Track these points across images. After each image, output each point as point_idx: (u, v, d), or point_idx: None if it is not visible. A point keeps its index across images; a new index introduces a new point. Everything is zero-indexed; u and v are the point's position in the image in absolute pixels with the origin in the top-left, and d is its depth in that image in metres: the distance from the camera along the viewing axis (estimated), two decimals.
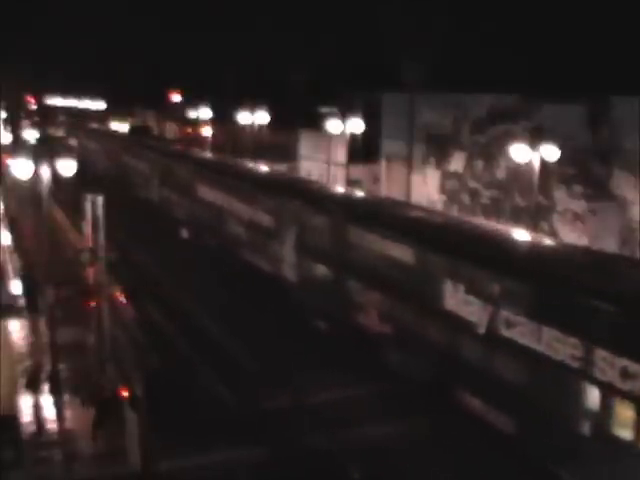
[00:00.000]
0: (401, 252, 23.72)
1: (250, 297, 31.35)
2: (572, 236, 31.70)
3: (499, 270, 19.76)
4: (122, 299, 24.72)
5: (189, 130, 76.16)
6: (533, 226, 29.99)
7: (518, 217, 34.11)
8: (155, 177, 54.99)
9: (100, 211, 21.86)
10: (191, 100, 73.03)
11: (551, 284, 18.18)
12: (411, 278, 23.08)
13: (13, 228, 40.48)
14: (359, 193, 34.54)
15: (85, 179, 29.00)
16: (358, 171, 45.95)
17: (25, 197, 41.95)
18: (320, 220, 29.13)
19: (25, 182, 28.83)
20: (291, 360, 24.69)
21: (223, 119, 62.34)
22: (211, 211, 41.25)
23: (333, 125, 42.63)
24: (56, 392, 21.34)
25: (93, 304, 22.15)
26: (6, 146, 52.27)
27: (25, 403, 21.19)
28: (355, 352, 24.56)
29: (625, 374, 15.61)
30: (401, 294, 23.46)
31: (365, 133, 44.78)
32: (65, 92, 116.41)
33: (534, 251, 21.74)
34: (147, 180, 57.66)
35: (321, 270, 28.85)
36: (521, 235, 23.71)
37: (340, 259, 27.15)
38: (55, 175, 26.53)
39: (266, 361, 24.94)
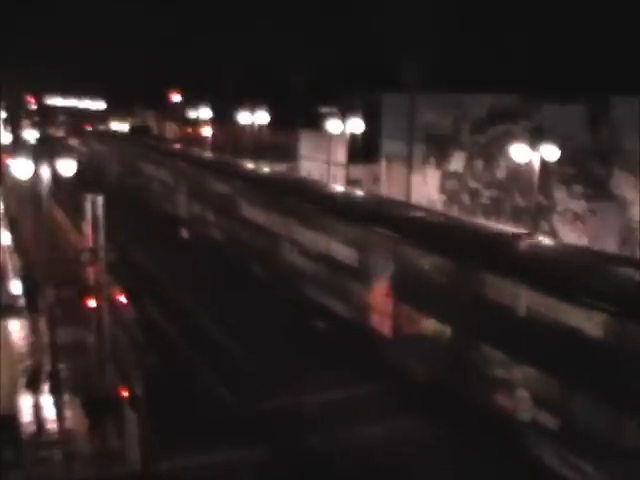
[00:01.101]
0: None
1: (250, 297, 31.38)
2: (572, 236, 31.70)
3: None
4: (122, 299, 24.68)
5: (189, 130, 76.15)
6: (533, 226, 30.00)
7: (518, 217, 34.11)
8: (184, 191, 47.05)
9: (100, 211, 21.85)
10: (191, 100, 73.01)
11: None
12: None
13: (13, 228, 40.47)
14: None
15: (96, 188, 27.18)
16: (358, 171, 45.96)
17: (25, 197, 41.97)
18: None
19: (25, 182, 28.83)
20: (291, 360, 24.70)
21: (223, 119, 62.34)
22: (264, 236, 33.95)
23: (333, 125, 42.62)
24: (56, 392, 21.33)
25: (93, 304, 22.15)
26: (6, 146, 52.23)
27: (25, 403, 21.18)
28: (356, 351, 24.57)
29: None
30: None
31: (365, 133, 44.77)
32: (65, 92, 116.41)
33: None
34: (172, 193, 49.58)
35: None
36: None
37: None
38: (55, 175, 26.54)
39: (266, 361, 24.94)
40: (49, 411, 20.85)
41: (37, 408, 20.92)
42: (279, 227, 32.18)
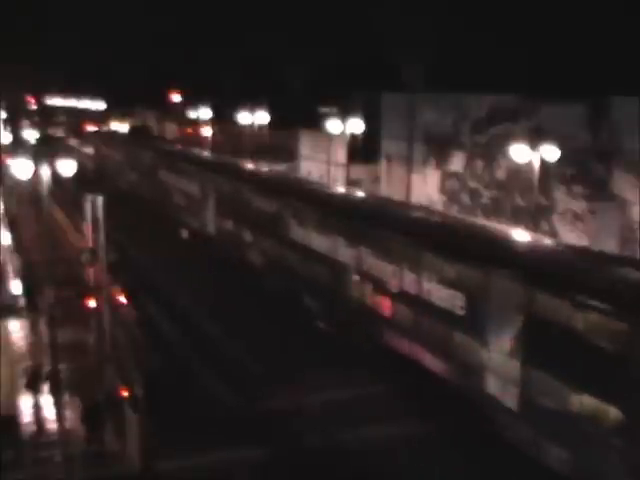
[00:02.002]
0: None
1: (250, 297, 31.38)
2: (572, 236, 31.70)
3: None
4: (122, 299, 24.68)
5: (189, 130, 76.16)
6: (533, 226, 30.00)
7: (518, 217, 34.11)
8: (212, 204, 41.05)
9: (100, 211, 21.85)
10: (191, 100, 73.04)
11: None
12: None
13: (13, 228, 40.45)
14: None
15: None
16: (358, 171, 45.95)
17: (25, 197, 41.99)
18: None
19: (25, 182, 28.85)
20: (291, 359, 24.70)
21: (223, 119, 62.36)
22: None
23: (333, 125, 42.65)
24: (56, 392, 21.32)
25: (93, 304, 22.15)
26: (6, 146, 52.23)
27: (25, 403, 21.18)
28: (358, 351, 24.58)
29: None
30: None
31: (365, 133, 44.80)
32: (65, 92, 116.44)
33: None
34: (197, 205, 43.64)
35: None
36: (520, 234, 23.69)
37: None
38: (55, 175, 26.57)
39: (266, 361, 24.95)
40: (49, 411, 20.85)
41: (37, 408, 20.91)
42: (339, 252, 27.28)
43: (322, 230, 28.54)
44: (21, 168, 25.21)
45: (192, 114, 71.17)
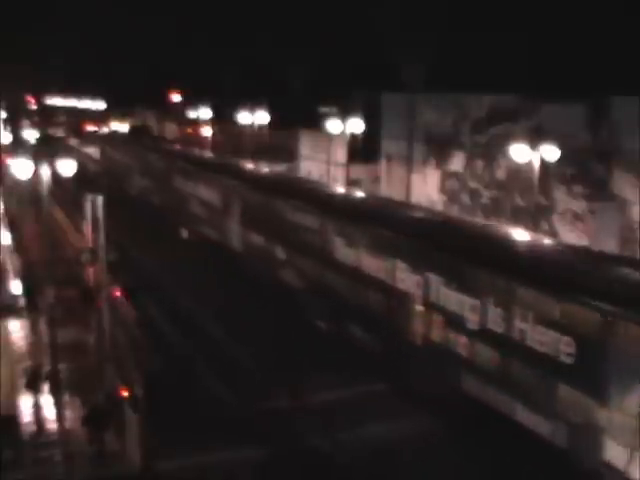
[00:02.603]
0: None
1: (250, 297, 31.37)
2: (572, 236, 31.70)
3: None
4: (122, 299, 24.68)
5: (189, 130, 76.18)
6: (533, 226, 30.01)
7: (518, 217, 34.11)
8: (237, 215, 36.66)
9: (100, 211, 21.86)
10: (191, 100, 73.05)
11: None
12: None
13: (13, 228, 40.45)
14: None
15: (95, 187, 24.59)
16: (358, 171, 45.96)
17: (25, 197, 41.96)
18: None
19: (25, 182, 28.85)
20: (291, 359, 24.70)
21: (223, 119, 62.36)
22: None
23: (333, 125, 42.67)
24: (56, 392, 21.32)
25: (93, 304, 22.16)
26: (6, 146, 52.22)
27: (25, 403, 21.18)
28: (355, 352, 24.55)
29: None
30: None
31: (365, 133, 44.82)
32: (65, 92, 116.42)
33: None
34: (219, 217, 39.21)
35: None
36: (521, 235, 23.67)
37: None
38: (55, 175, 26.58)
39: (266, 361, 24.95)
40: (49, 411, 20.84)
41: (37, 408, 20.91)
42: (400, 278, 23.49)
43: (377, 251, 24.67)
44: (21, 168, 25.21)
45: (192, 114, 71.19)
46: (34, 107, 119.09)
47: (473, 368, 20.01)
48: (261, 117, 54.04)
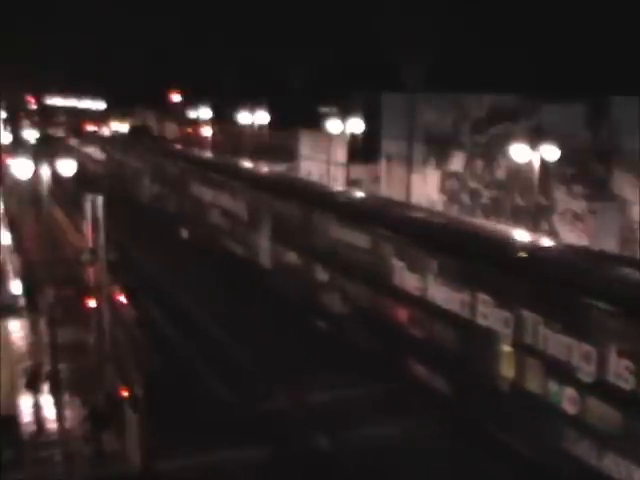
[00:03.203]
0: None
1: (250, 297, 31.37)
2: (572, 236, 31.70)
3: None
4: (122, 299, 24.68)
5: (189, 130, 76.21)
6: (533, 226, 30.01)
7: (518, 217, 34.11)
8: (267, 229, 32.80)
9: (100, 211, 21.85)
10: (191, 100, 73.07)
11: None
12: None
13: (13, 228, 40.45)
14: None
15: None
16: (358, 171, 45.98)
17: (25, 197, 41.97)
18: None
19: (25, 182, 28.87)
20: (291, 359, 24.70)
21: (223, 119, 62.37)
22: None
23: (333, 125, 42.70)
24: (56, 392, 21.32)
25: (93, 304, 22.14)
26: (6, 146, 52.23)
27: (25, 403, 21.18)
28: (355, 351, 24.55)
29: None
30: None
31: (365, 133, 44.83)
32: (65, 92, 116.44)
33: None
34: (245, 230, 35.32)
35: None
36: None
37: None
38: (55, 175, 26.59)
39: (266, 361, 24.95)
40: (49, 411, 20.84)
41: (37, 408, 20.91)
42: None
43: (446, 278, 21.01)
44: (21, 168, 25.22)
45: (192, 114, 71.21)
46: (34, 107, 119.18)
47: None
48: (261, 117, 54.07)
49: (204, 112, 66.46)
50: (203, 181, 42.54)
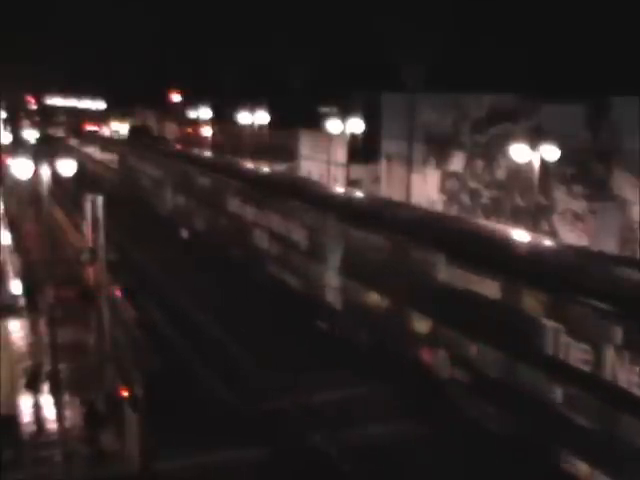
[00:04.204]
0: None
1: (249, 297, 31.38)
2: (572, 236, 31.70)
3: None
4: (122, 299, 24.69)
5: (189, 130, 76.26)
6: (533, 226, 30.00)
7: (518, 217, 34.12)
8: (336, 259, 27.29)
9: (100, 211, 21.86)
10: (191, 100, 73.09)
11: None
12: None
13: (13, 228, 40.44)
14: None
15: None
16: (358, 171, 45.99)
17: (25, 197, 41.96)
18: None
19: (25, 182, 28.84)
20: (291, 359, 24.69)
21: (223, 119, 62.39)
22: None
23: (333, 125, 42.69)
24: (56, 392, 21.33)
25: (93, 304, 22.15)
26: (6, 146, 52.23)
27: (25, 403, 21.18)
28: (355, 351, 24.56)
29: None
30: None
31: (365, 133, 44.82)
32: (65, 92, 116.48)
33: None
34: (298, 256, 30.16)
35: None
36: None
37: None
38: (55, 175, 26.56)
39: (266, 360, 24.94)
40: (49, 411, 20.84)
41: (37, 408, 20.90)
42: None
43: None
44: (21, 168, 25.18)
45: (192, 114, 71.27)
46: (34, 107, 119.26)
47: None
48: (261, 117, 54.05)
49: (204, 112, 66.51)
50: (245, 197, 36.04)
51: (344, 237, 26.68)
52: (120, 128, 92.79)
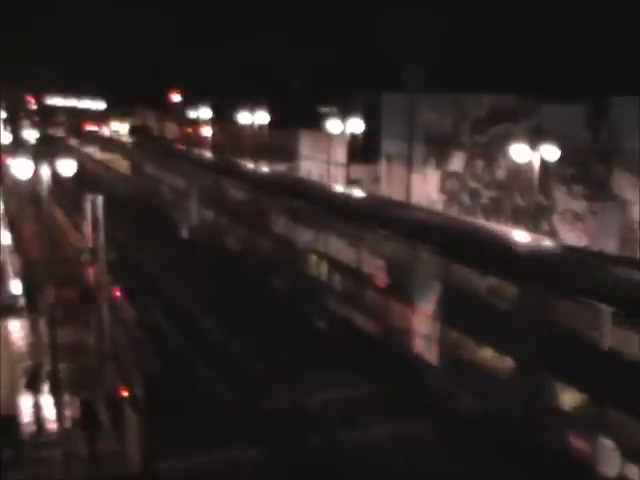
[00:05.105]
0: None
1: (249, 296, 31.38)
2: (572, 236, 31.70)
3: None
4: (122, 299, 24.71)
5: (189, 130, 76.24)
6: (533, 226, 30.00)
7: (518, 217, 34.11)
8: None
9: (100, 211, 21.86)
10: (191, 100, 73.08)
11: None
12: None
13: (13, 228, 40.46)
14: None
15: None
16: (358, 171, 45.97)
17: (25, 197, 42.00)
18: None
19: (25, 182, 28.86)
20: (291, 359, 24.69)
21: (223, 119, 62.37)
22: None
23: (333, 125, 42.68)
24: (56, 392, 21.33)
25: (93, 304, 22.16)
26: (6, 146, 52.24)
27: (25, 403, 21.18)
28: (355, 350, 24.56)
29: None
30: None
31: (365, 133, 44.81)
32: (65, 92, 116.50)
33: None
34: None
35: None
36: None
37: None
38: (55, 175, 26.57)
39: (266, 360, 24.95)
40: (49, 411, 20.85)
41: (37, 408, 20.91)
42: None
43: None
44: (21, 168, 25.18)
45: (192, 114, 71.23)
46: (34, 107, 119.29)
47: None
48: (261, 117, 54.02)
49: (204, 112, 66.48)
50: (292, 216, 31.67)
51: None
52: (120, 128, 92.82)
